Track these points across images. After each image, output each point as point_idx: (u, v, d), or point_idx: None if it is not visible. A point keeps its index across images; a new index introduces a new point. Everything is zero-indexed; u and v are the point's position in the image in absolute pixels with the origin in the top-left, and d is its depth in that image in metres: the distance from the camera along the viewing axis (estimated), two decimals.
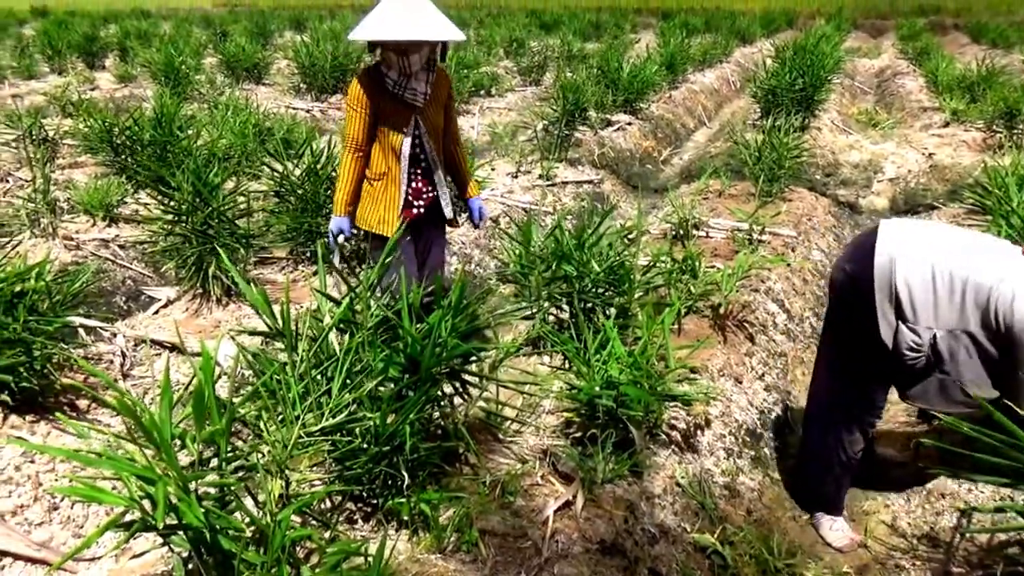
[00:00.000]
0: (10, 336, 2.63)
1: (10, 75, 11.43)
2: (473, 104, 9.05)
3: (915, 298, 2.37)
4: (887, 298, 2.41)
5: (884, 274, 2.42)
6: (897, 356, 2.43)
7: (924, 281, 2.36)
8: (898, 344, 2.41)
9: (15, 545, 2.42)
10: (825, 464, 2.76)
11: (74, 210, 5.32)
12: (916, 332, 2.38)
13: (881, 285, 2.42)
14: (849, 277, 2.57)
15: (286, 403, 2.12)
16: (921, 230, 2.58)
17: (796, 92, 7.11)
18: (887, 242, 2.46)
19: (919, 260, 2.38)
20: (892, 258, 2.40)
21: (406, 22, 2.77)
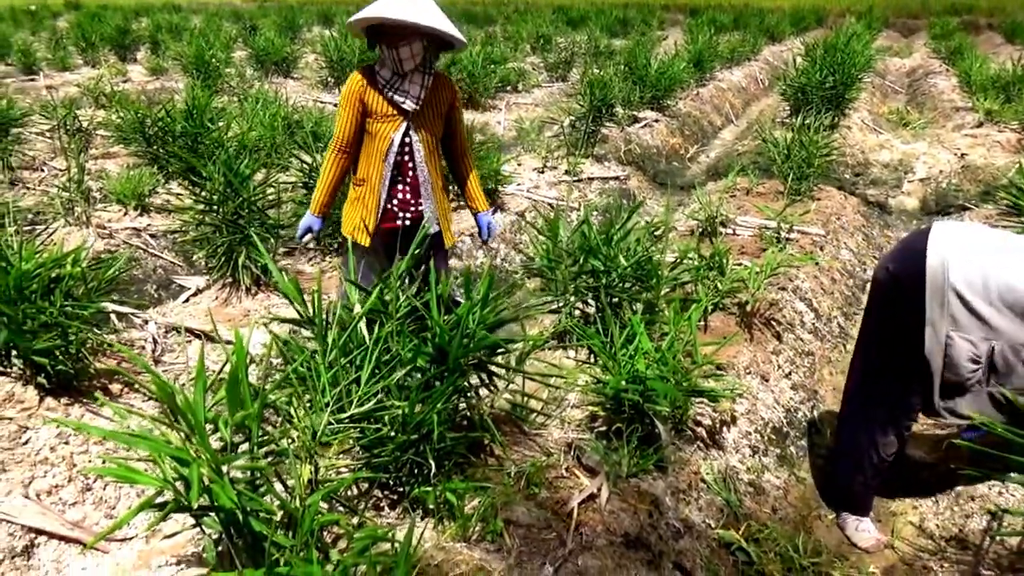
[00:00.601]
0: (47, 320, 2.69)
1: (45, 67, 11.64)
2: (500, 99, 9.06)
3: (971, 308, 2.28)
4: (940, 307, 2.32)
5: (937, 282, 2.31)
6: (950, 367, 2.35)
7: (981, 291, 2.27)
8: (952, 357, 2.33)
9: (50, 524, 2.47)
10: (856, 464, 2.72)
11: (107, 199, 5.41)
12: (973, 343, 2.30)
13: (933, 293, 2.32)
14: (894, 278, 2.48)
15: (316, 390, 2.14)
16: (978, 235, 2.45)
17: (826, 90, 7.04)
18: (939, 247, 2.35)
19: (975, 269, 2.28)
20: (945, 265, 2.30)
21: (396, 5, 2.65)
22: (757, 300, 3.55)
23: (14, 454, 2.61)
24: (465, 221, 5.08)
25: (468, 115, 8.17)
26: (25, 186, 5.78)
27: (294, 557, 1.73)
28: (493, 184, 5.20)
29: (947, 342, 2.31)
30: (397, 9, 2.65)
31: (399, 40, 2.70)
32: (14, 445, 2.64)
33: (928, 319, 2.32)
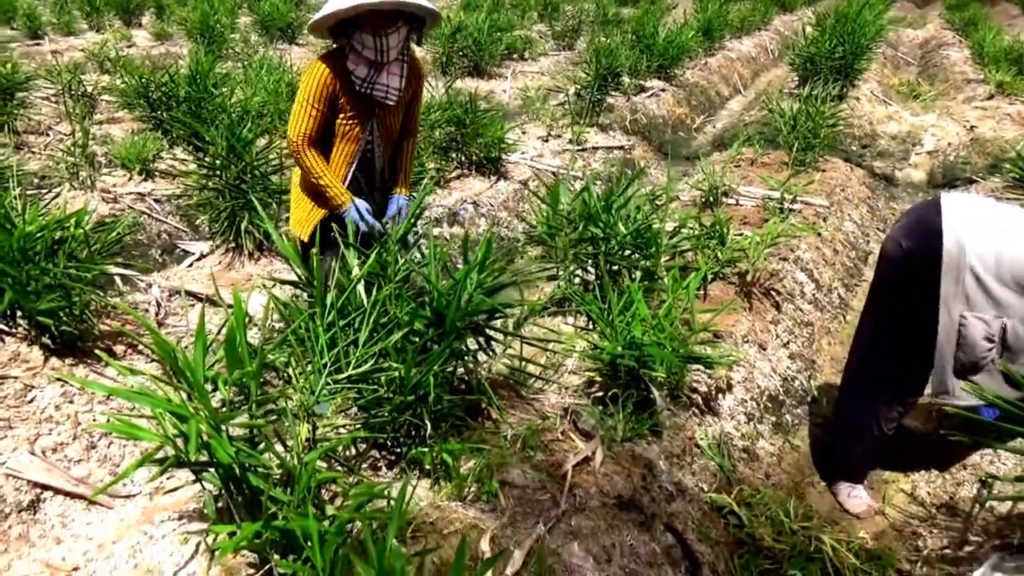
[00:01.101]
0: (50, 281, 2.72)
1: (50, 31, 11.56)
2: (505, 68, 8.99)
3: (985, 286, 2.26)
4: (955, 286, 2.30)
5: (954, 261, 2.29)
6: (965, 347, 2.34)
7: (993, 268, 2.25)
8: (967, 336, 2.31)
9: (55, 480, 2.52)
10: (856, 435, 2.72)
11: (112, 164, 5.42)
12: (986, 322, 2.29)
13: (950, 272, 2.30)
14: (906, 253, 2.45)
15: (314, 352, 2.17)
16: (988, 210, 2.41)
17: (835, 60, 6.96)
18: (955, 224, 2.32)
19: (988, 245, 2.26)
20: (962, 244, 2.28)
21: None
22: (757, 270, 3.55)
23: (20, 412, 2.66)
24: (467, 189, 5.09)
25: (473, 83, 8.11)
26: (31, 150, 5.79)
27: (290, 511, 1.77)
28: (496, 152, 5.19)
29: (961, 321, 2.29)
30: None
31: (386, 27, 2.43)
32: (20, 403, 2.69)
33: (942, 298, 2.30)
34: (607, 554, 2.16)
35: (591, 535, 2.20)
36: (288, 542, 1.82)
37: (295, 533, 1.75)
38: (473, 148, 5.16)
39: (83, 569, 2.21)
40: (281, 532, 1.78)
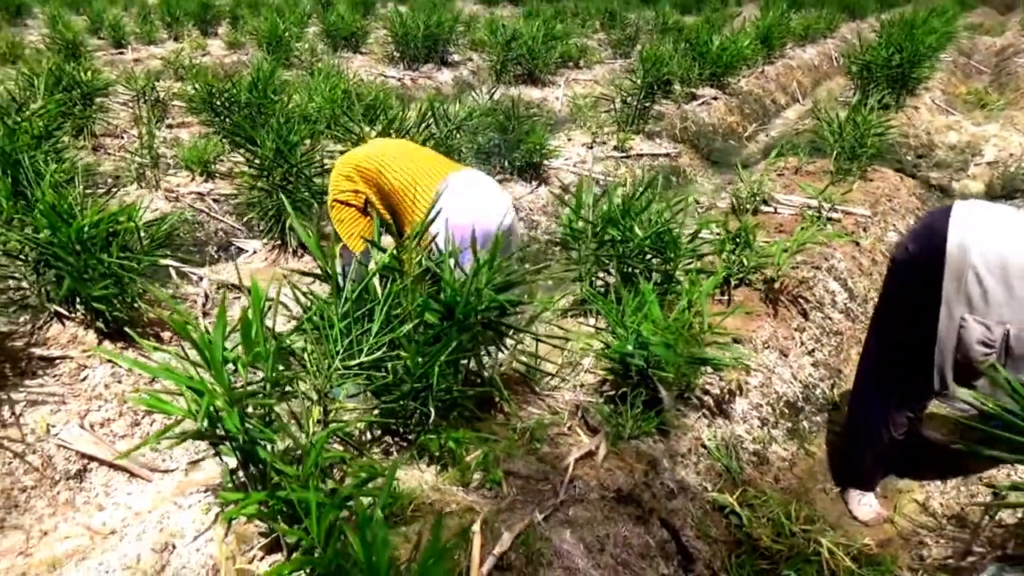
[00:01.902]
0: (104, 270, 2.96)
1: (133, 41, 12.25)
2: (559, 75, 9.09)
3: (988, 291, 2.25)
4: (957, 288, 2.29)
5: (956, 263, 2.28)
6: (962, 350, 2.33)
7: (998, 273, 2.23)
8: (965, 339, 2.31)
9: (101, 452, 2.75)
10: (867, 441, 2.73)
11: (177, 166, 5.76)
12: (987, 327, 2.28)
13: (952, 274, 2.29)
14: (911, 257, 2.46)
15: (329, 338, 2.32)
16: (999, 215, 2.38)
17: (892, 68, 6.81)
18: (960, 227, 2.30)
19: (994, 249, 2.24)
20: (965, 246, 2.26)
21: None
22: (783, 276, 3.56)
23: (73, 389, 2.91)
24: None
25: (526, 90, 8.25)
26: (106, 152, 6.20)
27: (293, 483, 1.91)
28: (538, 158, 5.30)
29: (960, 323, 2.29)
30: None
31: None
32: (73, 381, 2.94)
33: (944, 299, 2.30)
34: (600, 543, 2.24)
35: (586, 525, 2.28)
36: (293, 513, 1.96)
37: (297, 504, 1.89)
38: (515, 153, 5.28)
39: (118, 533, 2.41)
40: (285, 502, 1.93)
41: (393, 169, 2.91)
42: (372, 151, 3.05)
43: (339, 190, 2.98)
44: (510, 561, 2.04)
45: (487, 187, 2.90)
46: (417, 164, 2.94)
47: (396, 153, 3.01)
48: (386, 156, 2.97)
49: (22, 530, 2.45)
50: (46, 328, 3.14)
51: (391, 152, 3.02)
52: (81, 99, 6.19)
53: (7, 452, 2.60)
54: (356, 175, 2.94)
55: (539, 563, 2.07)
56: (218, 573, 2.01)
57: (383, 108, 5.34)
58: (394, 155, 2.99)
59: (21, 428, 2.68)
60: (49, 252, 2.90)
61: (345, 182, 2.97)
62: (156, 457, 2.87)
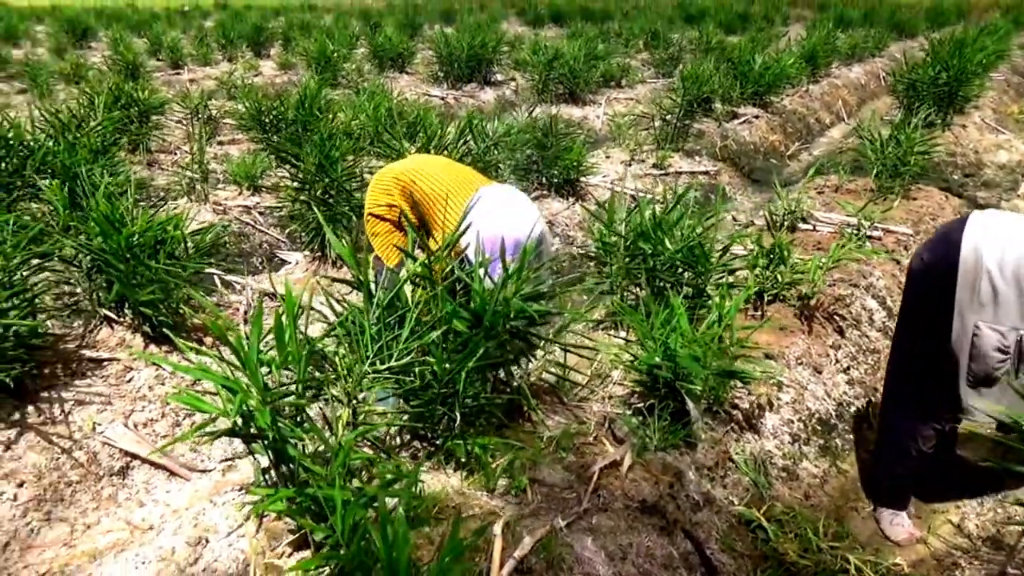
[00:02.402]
0: (151, 276, 3.09)
1: (190, 62, 12.73)
2: (600, 95, 9.16)
3: (1002, 296, 2.24)
4: (970, 295, 2.29)
5: (969, 270, 2.28)
6: (977, 358, 2.32)
7: (1013, 279, 2.22)
8: (979, 347, 2.29)
9: (144, 451, 2.86)
10: (895, 456, 2.70)
11: (225, 180, 5.96)
12: (1002, 334, 2.26)
13: (965, 281, 2.29)
14: (926, 267, 2.46)
15: (360, 343, 2.39)
16: (1014, 224, 2.37)
17: (938, 87, 6.70)
18: (975, 235, 2.31)
19: (1010, 256, 2.23)
20: (979, 253, 2.27)
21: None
22: (819, 293, 3.53)
23: (119, 390, 3.03)
24: (545, 209, 5.27)
25: (566, 110, 8.32)
26: (160, 167, 6.45)
27: (320, 480, 1.97)
28: (575, 174, 5.34)
29: (974, 331, 2.27)
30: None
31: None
32: (119, 382, 3.07)
33: (957, 308, 2.29)
34: (623, 552, 2.25)
35: (609, 533, 2.29)
36: (320, 511, 2.02)
37: (324, 502, 1.95)
38: (553, 170, 5.34)
39: (156, 528, 2.50)
40: (313, 500, 1.99)
41: (428, 179, 2.99)
42: (409, 164, 3.14)
43: (375, 204, 3.06)
44: (530, 565, 2.06)
45: (518, 200, 2.96)
46: (451, 176, 3.02)
47: (432, 165, 3.09)
48: (422, 167, 3.05)
49: (67, 522, 2.56)
50: (96, 331, 3.28)
51: (428, 164, 3.10)
52: (138, 117, 6.46)
53: (56, 448, 2.72)
54: (393, 186, 3.02)
55: (559, 568, 2.09)
56: (248, 567, 2.07)
57: (424, 125, 5.45)
58: (430, 167, 3.07)
59: (69, 425, 2.81)
60: (101, 258, 3.04)
61: (382, 195, 3.06)
62: (195, 457, 2.97)
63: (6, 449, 2.66)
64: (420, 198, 2.97)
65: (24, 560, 2.43)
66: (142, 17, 18.88)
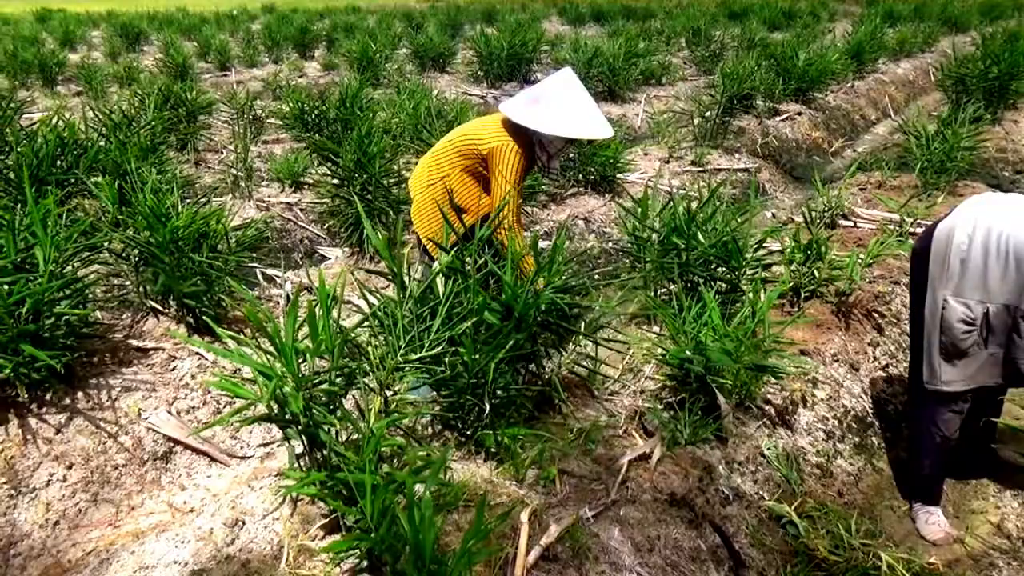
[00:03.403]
0: (195, 269, 3.19)
1: (237, 64, 13.02)
2: (640, 92, 9.11)
3: (968, 269, 2.30)
4: (940, 268, 2.36)
5: (941, 244, 2.36)
6: (945, 330, 2.37)
7: (980, 252, 2.27)
8: (947, 319, 2.35)
9: (186, 436, 2.95)
10: (921, 445, 2.69)
11: (269, 178, 6.10)
12: (967, 306, 2.32)
13: (936, 255, 2.37)
14: (915, 253, 2.55)
15: (393, 333, 2.44)
16: (1004, 202, 2.40)
17: (988, 81, 6.52)
18: (955, 215, 2.39)
19: (980, 230, 2.28)
20: (952, 229, 2.33)
21: (594, 120, 2.88)
22: (856, 290, 3.48)
23: (163, 378, 3.14)
24: (581, 206, 5.28)
25: (606, 108, 8.31)
26: (206, 165, 6.62)
27: (352, 466, 2.02)
28: (611, 172, 5.34)
29: (943, 304, 2.34)
30: (601, 128, 2.89)
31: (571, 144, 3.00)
32: (164, 371, 3.17)
33: (930, 282, 2.37)
34: (650, 544, 2.26)
35: (636, 525, 2.30)
36: (351, 495, 2.07)
37: (355, 487, 2.00)
38: (590, 167, 5.34)
39: (196, 510, 2.59)
40: (344, 484, 2.04)
41: (459, 130, 3.10)
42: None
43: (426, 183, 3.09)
44: (556, 553, 2.08)
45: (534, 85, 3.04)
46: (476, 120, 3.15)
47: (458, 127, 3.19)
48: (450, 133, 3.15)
49: (112, 503, 2.67)
50: (143, 322, 3.40)
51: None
52: (186, 117, 6.65)
53: (103, 432, 2.83)
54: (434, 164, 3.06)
55: (585, 557, 2.11)
56: (282, 548, 2.14)
57: (461, 123, 5.50)
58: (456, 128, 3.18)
59: (116, 411, 2.92)
60: (147, 251, 3.15)
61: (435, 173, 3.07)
62: (234, 444, 3.06)
63: (57, 433, 2.77)
64: (459, 145, 3.01)
65: (72, 538, 2.54)
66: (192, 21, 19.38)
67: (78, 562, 2.44)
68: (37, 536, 2.52)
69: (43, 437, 2.75)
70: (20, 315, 2.69)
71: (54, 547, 2.51)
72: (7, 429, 2.73)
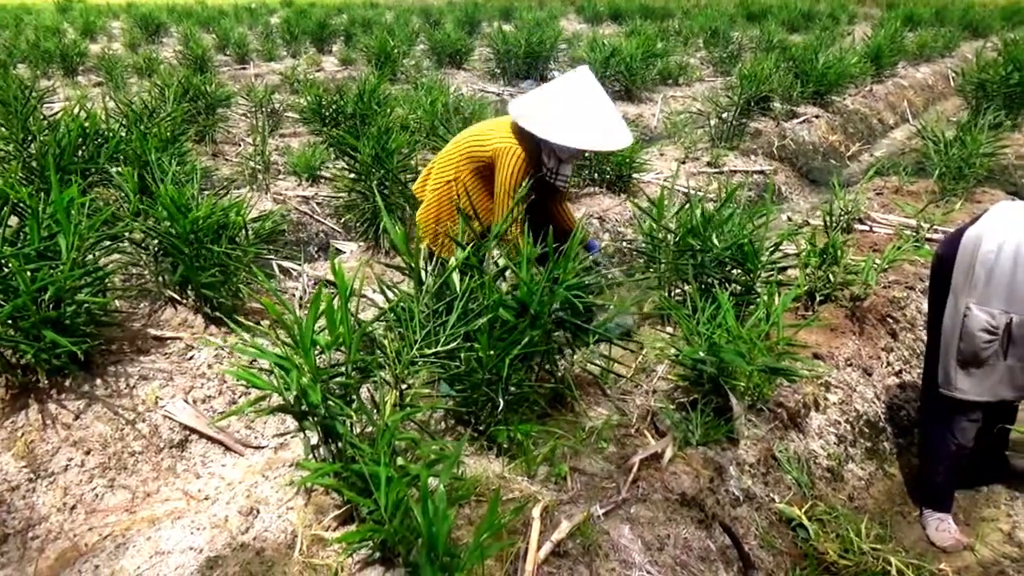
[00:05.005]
0: (213, 259, 3.22)
1: (255, 57, 13.08)
2: (657, 92, 9.10)
3: (994, 278, 2.29)
4: (965, 275, 2.35)
5: (967, 251, 2.35)
6: (965, 338, 2.36)
7: (1009, 261, 2.26)
8: (968, 327, 2.35)
9: (201, 425, 2.99)
10: (935, 453, 2.68)
11: (286, 171, 6.14)
12: (991, 315, 2.31)
13: (962, 264, 2.36)
14: (937, 258, 2.55)
15: (409, 327, 2.47)
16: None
17: (1010, 87, 6.47)
18: (983, 223, 2.38)
19: (1010, 240, 2.27)
20: (980, 238, 2.33)
21: (611, 128, 2.78)
22: (871, 295, 3.47)
23: (180, 367, 3.17)
24: (596, 205, 5.28)
25: (622, 107, 8.30)
26: (224, 157, 6.67)
27: (366, 458, 2.05)
28: (626, 171, 5.35)
29: (965, 312, 2.33)
30: (619, 137, 2.80)
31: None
32: (181, 360, 3.21)
33: (952, 289, 2.37)
34: (660, 543, 2.27)
35: (647, 524, 2.31)
36: (365, 487, 2.10)
37: (369, 477, 2.02)
38: (605, 166, 5.35)
39: (211, 498, 2.62)
40: (358, 476, 2.07)
41: (467, 132, 3.04)
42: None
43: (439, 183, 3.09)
44: (567, 549, 2.10)
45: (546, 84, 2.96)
46: (486, 121, 3.10)
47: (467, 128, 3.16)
48: (459, 134, 3.11)
49: (129, 490, 2.71)
50: (161, 311, 3.44)
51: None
52: (205, 109, 6.70)
53: (120, 419, 2.87)
54: (449, 164, 3.05)
55: (596, 554, 2.12)
56: (295, 537, 2.16)
57: (478, 120, 5.52)
58: (466, 129, 3.13)
59: (133, 399, 2.96)
60: (167, 241, 3.18)
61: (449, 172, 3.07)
62: (250, 434, 3.09)
63: (75, 418, 2.81)
64: (466, 148, 2.97)
65: (88, 523, 2.58)
66: (211, 13, 19.46)
67: (95, 546, 2.48)
68: (55, 520, 2.56)
69: (62, 422, 2.79)
70: (42, 302, 2.73)
71: (71, 531, 2.55)
72: (27, 414, 2.78)
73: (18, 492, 2.59)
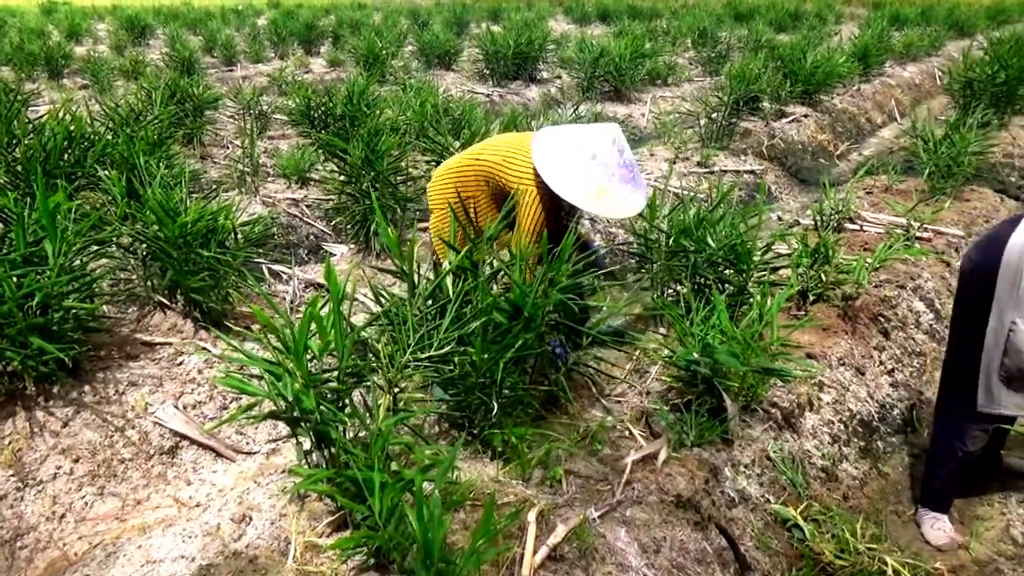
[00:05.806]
0: (202, 264, 3.19)
1: (242, 59, 13.01)
2: (646, 93, 9.10)
3: None
4: (1009, 292, 2.27)
5: (1012, 266, 2.27)
6: (1011, 354, 2.30)
7: None
8: (1013, 343, 2.28)
9: (192, 431, 2.96)
10: (942, 456, 2.66)
11: (275, 174, 6.10)
12: None
13: (1006, 277, 2.28)
14: (973, 265, 2.45)
15: (402, 331, 2.45)
16: None
17: (997, 86, 6.51)
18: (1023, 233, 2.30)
19: None
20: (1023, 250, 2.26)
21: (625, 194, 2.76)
22: (863, 294, 3.48)
23: (170, 372, 3.14)
24: None
25: (611, 108, 8.30)
26: (212, 160, 6.62)
27: (360, 463, 2.03)
28: None
29: (1010, 327, 2.26)
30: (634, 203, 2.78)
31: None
32: (171, 366, 3.18)
33: (995, 303, 2.30)
34: (656, 545, 2.26)
35: (642, 526, 2.30)
36: (359, 492, 2.08)
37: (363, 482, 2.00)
38: None
39: (202, 505, 2.59)
40: (352, 481, 2.05)
41: (489, 150, 3.01)
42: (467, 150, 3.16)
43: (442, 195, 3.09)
44: (563, 553, 2.09)
45: (579, 126, 2.92)
46: (512, 137, 3.05)
47: (488, 141, 3.13)
48: (478, 146, 3.09)
49: (119, 497, 2.67)
50: (150, 316, 3.41)
51: (483, 143, 3.14)
52: (192, 111, 6.64)
53: (109, 426, 2.84)
54: (453, 177, 3.05)
55: (592, 557, 2.11)
56: (288, 544, 2.14)
57: (468, 122, 5.51)
58: (487, 143, 3.10)
59: (122, 405, 2.92)
60: (156, 246, 3.15)
61: (449, 186, 3.07)
62: (241, 440, 3.06)
63: (64, 426, 2.78)
64: (487, 169, 2.97)
65: (78, 531, 2.55)
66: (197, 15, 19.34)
67: (84, 555, 2.45)
68: (44, 529, 2.53)
69: (50, 430, 2.75)
70: (29, 308, 2.70)
71: (60, 540, 2.52)
72: (15, 422, 2.74)
73: (5, 501, 2.55)
